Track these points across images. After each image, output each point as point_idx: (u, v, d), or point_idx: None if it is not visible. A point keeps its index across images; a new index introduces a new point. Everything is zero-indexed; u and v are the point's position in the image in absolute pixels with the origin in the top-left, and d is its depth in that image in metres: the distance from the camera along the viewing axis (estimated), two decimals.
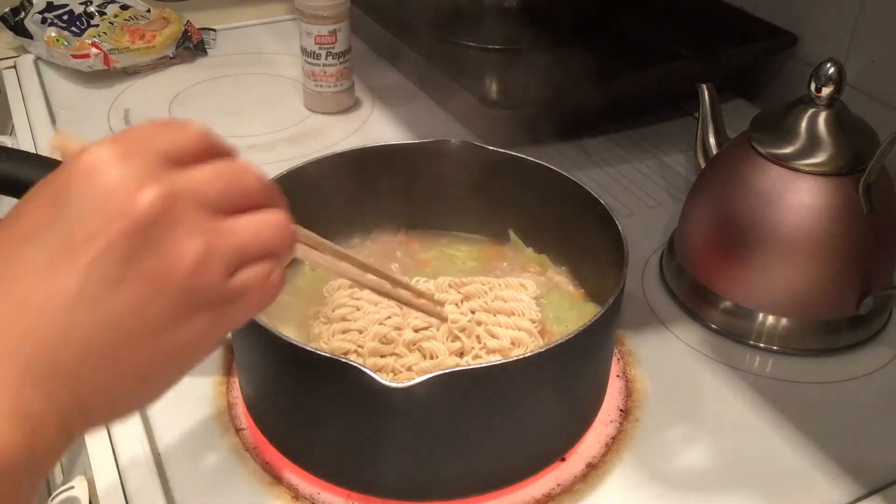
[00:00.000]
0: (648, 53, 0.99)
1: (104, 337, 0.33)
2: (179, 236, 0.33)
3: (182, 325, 0.34)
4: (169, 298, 0.33)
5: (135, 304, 0.33)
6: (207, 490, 0.56)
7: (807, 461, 0.59)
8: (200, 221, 0.34)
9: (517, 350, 0.61)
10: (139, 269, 0.33)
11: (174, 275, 0.33)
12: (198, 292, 0.34)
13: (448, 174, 0.69)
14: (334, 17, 0.93)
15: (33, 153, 0.84)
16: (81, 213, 0.32)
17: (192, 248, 0.33)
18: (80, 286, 0.32)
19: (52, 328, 0.32)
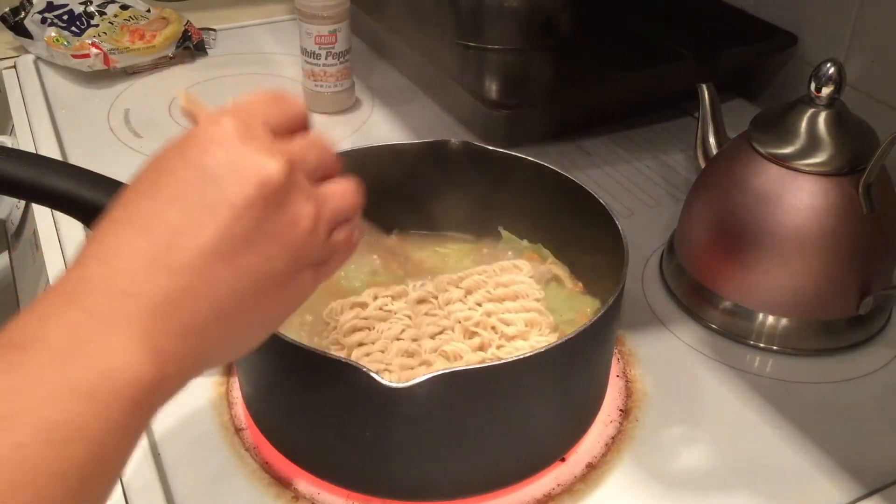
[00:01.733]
0: (648, 53, 0.99)
1: (239, 289, 0.37)
2: (297, 201, 0.38)
3: (296, 278, 0.39)
4: (291, 255, 0.38)
5: (265, 260, 0.37)
6: (207, 490, 0.56)
7: (807, 461, 0.59)
8: (308, 188, 0.39)
9: (534, 330, 0.61)
10: (269, 229, 0.37)
11: (295, 234, 0.38)
12: (310, 250, 0.39)
13: (448, 174, 0.69)
14: (334, 17, 0.93)
15: (33, 153, 0.85)
16: (219, 179, 0.36)
17: (307, 211, 0.38)
18: (221, 243, 0.36)
19: (194, 280, 0.35)
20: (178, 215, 0.36)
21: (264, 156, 0.37)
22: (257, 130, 0.38)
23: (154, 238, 0.35)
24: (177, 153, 0.38)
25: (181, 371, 0.36)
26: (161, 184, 0.37)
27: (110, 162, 0.89)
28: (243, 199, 0.36)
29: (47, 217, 0.80)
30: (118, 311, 0.34)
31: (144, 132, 0.97)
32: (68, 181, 0.56)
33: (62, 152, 0.91)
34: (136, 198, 0.37)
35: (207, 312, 0.36)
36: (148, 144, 0.94)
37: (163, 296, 0.35)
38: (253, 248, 0.37)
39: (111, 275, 0.35)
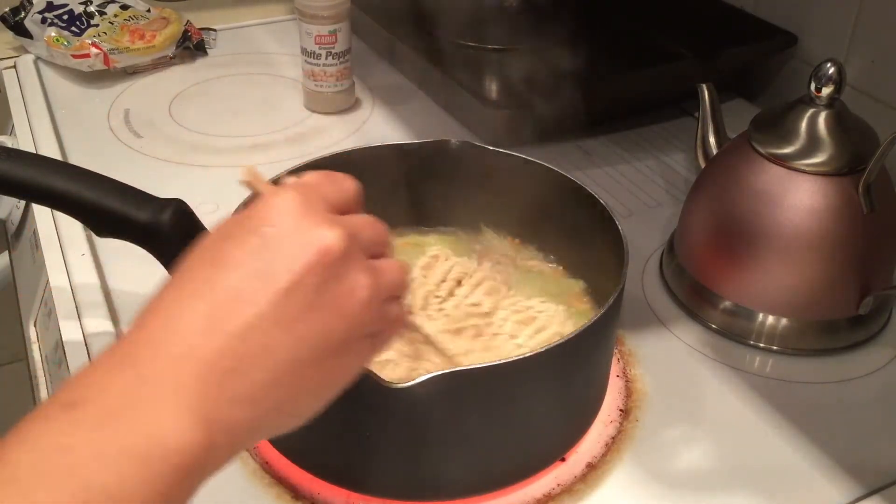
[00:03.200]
0: (648, 53, 0.99)
1: (295, 357, 0.37)
2: (354, 271, 0.39)
3: (352, 348, 0.40)
4: (348, 324, 0.38)
5: (322, 328, 0.37)
6: (207, 490, 0.56)
7: (807, 461, 0.59)
8: (364, 260, 0.40)
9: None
10: (327, 297, 0.38)
11: (352, 303, 0.38)
12: (366, 319, 0.39)
13: (448, 174, 0.69)
14: (334, 17, 0.93)
15: (33, 153, 0.85)
16: (281, 247, 0.37)
17: (364, 282, 0.39)
18: (279, 310, 0.36)
19: (250, 345, 0.36)
20: (238, 280, 0.36)
21: (324, 227, 0.38)
22: (317, 205, 0.39)
23: (213, 302, 0.36)
24: (239, 223, 0.39)
25: (232, 440, 0.36)
26: (222, 251, 0.38)
27: (110, 162, 0.89)
28: (303, 266, 0.37)
29: (47, 217, 0.80)
30: (170, 376, 0.34)
31: (144, 132, 0.97)
32: (68, 181, 0.56)
33: (62, 152, 0.91)
34: (198, 265, 0.38)
35: (262, 380, 0.36)
36: (148, 144, 0.94)
37: (217, 361, 0.35)
38: (311, 315, 0.37)
39: (167, 338, 0.35)
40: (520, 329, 0.62)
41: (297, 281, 0.37)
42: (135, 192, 0.57)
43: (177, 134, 0.97)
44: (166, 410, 0.33)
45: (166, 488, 0.32)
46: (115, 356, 0.35)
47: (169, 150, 0.93)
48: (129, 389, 0.33)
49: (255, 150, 0.94)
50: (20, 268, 0.90)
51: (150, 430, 0.33)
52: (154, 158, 0.92)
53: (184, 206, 0.57)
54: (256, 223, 0.38)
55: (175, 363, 0.34)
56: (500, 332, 0.61)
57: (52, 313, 0.71)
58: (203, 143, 0.95)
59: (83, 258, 0.74)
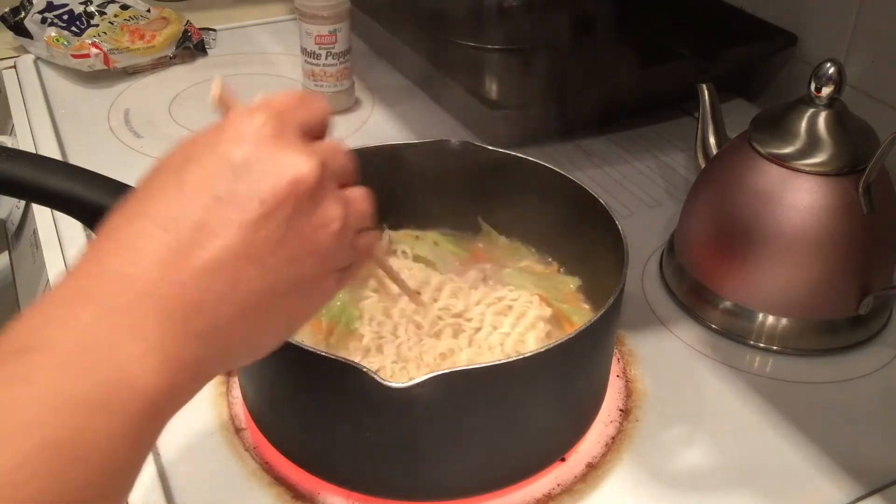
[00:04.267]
0: (648, 53, 0.99)
1: (263, 291, 0.35)
2: (327, 202, 0.37)
3: (321, 281, 0.38)
4: (318, 257, 0.37)
5: (293, 262, 0.36)
6: (207, 490, 0.56)
7: (807, 461, 0.59)
8: (336, 191, 0.38)
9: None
10: (298, 230, 0.35)
11: (325, 237, 0.37)
12: (336, 255, 0.38)
13: (448, 174, 0.69)
14: (334, 17, 0.93)
15: (33, 153, 0.84)
16: (250, 174, 0.34)
17: (337, 213, 0.37)
18: (248, 242, 0.34)
19: (217, 281, 0.33)
20: (203, 210, 0.34)
21: (298, 154, 0.36)
22: (289, 129, 0.37)
23: (177, 234, 0.33)
24: (205, 143, 0.36)
25: (196, 376, 0.34)
26: (186, 175, 0.35)
27: (110, 162, 0.89)
28: (274, 196, 0.34)
29: (47, 217, 0.80)
30: (134, 314, 0.32)
31: (144, 132, 0.97)
32: (68, 181, 0.56)
33: (62, 152, 0.91)
34: (159, 188, 0.35)
35: (229, 314, 0.34)
36: (148, 144, 0.94)
37: (183, 298, 0.33)
38: (281, 248, 0.35)
39: (129, 272, 0.32)
40: (500, 320, 0.62)
41: (268, 212, 0.34)
42: None
43: (177, 134, 0.97)
44: (128, 352, 0.31)
45: (130, 434, 0.31)
46: (69, 290, 0.32)
47: None
48: (87, 330, 0.31)
49: None
50: (20, 268, 0.90)
51: (111, 374, 0.30)
52: (154, 158, 0.91)
53: None
54: (225, 146, 0.35)
55: (137, 299, 0.32)
56: (482, 325, 0.61)
57: None
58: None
59: None
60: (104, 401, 0.30)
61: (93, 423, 0.30)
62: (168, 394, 0.32)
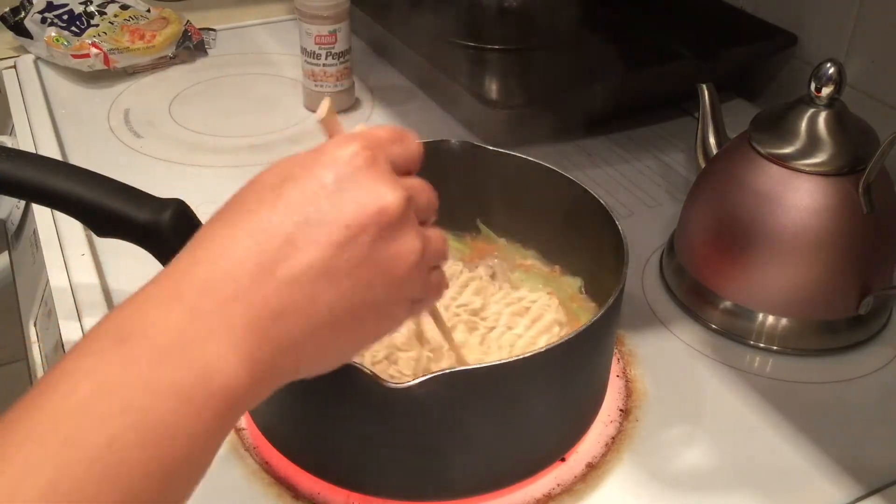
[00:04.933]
0: (648, 53, 0.99)
1: (338, 309, 0.37)
2: (408, 235, 0.39)
3: (392, 307, 0.40)
4: (393, 286, 0.39)
5: (368, 285, 0.38)
6: (207, 490, 0.56)
7: (807, 461, 0.59)
8: (417, 226, 0.40)
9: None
10: (378, 258, 0.38)
11: (402, 267, 0.39)
12: (411, 285, 0.40)
13: (448, 174, 0.69)
14: (334, 17, 0.93)
15: (33, 153, 0.85)
16: (340, 199, 0.37)
17: (415, 247, 0.39)
18: (330, 262, 0.36)
19: (298, 295, 0.36)
20: (293, 226, 0.36)
21: (386, 185, 0.38)
22: (382, 161, 0.39)
23: (267, 247, 0.36)
24: (304, 165, 0.38)
25: (270, 380, 0.36)
26: (281, 192, 0.37)
27: (110, 162, 0.89)
28: (360, 222, 0.37)
29: (47, 217, 0.80)
30: (221, 317, 0.34)
31: (144, 132, 0.97)
32: (68, 181, 0.56)
33: (62, 152, 0.91)
34: (256, 201, 0.37)
35: (304, 327, 0.36)
36: (148, 144, 0.94)
37: (267, 306, 0.35)
38: (359, 272, 0.37)
39: (219, 277, 0.35)
40: (515, 320, 0.62)
41: (352, 236, 0.37)
42: (135, 192, 0.57)
43: (177, 134, 0.97)
44: (214, 350, 0.34)
45: (213, 424, 0.33)
46: (164, 289, 0.35)
47: (169, 150, 0.93)
48: (179, 327, 0.34)
49: (255, 150, 0.94)
50: (20, 268, 0.90)
51: (200, 368, 0.33)
52: (154, 158, 0.92)
53: (184, 206, 0.57)
54: (320, 169, 0.38)
55: (225, 304, 0.35)
56: (496, 325, 0.61)
57: (52, 313, 0.71)
58: (203, 143, 0.95)
59: (83, 258, 0.74)
60: (190, 392, 0.33)
61: (178, 410, 0.32)
62: (245, 392, 0.35)
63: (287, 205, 0.37)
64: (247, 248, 0.36)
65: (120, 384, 0.32)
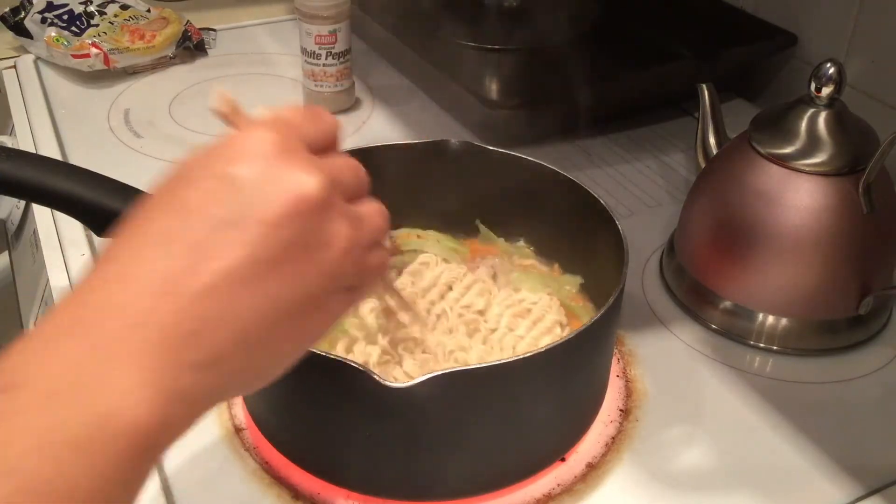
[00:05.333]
0: (648, 53, 0.99)
1: (265, 315, 0.33)
2: (333, 220, 0.35)
3: (327, 302, 0.36)
4: (324, 278, 0.35)
5: (294, 283, 0.34)
6: (207, 490, 0.56)
7: (807, 461, 0.59)
8: (344, 207, 0.36)
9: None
10: (303, 252, 0.34)
11: (330, 255, 0.35)
12: (344, 272, 0.36)
13: (448, 174, 0.69)
14: (334, 17, 0.93)
15: (33, 153, 0.85)
16: (250, 193, 0.33)
17: (344, 232, 0.35)
18: (248, 266, 0.32)
19: (215, 306, 0.32)
20: (200, 232, 0.32)
21: (302, 171, 0.34)
22: (295, 145, 0.35)
23: (172, 258, 0.32)
24: (204, 163, 0.35)
25: (191, 409, 0.32)
26: (184, 196, 0.33)
27: (110, 162, 0.89)
28: (275, 215, 0.33)
29: (47, 217, 0.80)
30: (123, 345, 0.30)
31: (144, 132, 0.97)
32: (68, 181, 0.56)
33: (62, 152, 0.91)
34: (156, 211, 0.34)
35: (228, 342, 0.33)
36: (148, 144, 0.94)
37: (178, 326, 0.31)
38: (283, 269, 0.33)
39: (120, 300, 0.31)
40: (517, 322, 0.62)
41: (270, 233, 0.33)
42: (135, 193, 0.57)
43: (177, 134, 0.97)
44: (117, 386, 0.30)
45: (119, 472, 0.29)
46: (61, 322, 0.31)
47: (169, 150, 0.93)
48: (75, 364, 0.30)
49: None
50: (20, 268, 0.90)
51: (99, 411, 0.29)
52: (154, 158, 0.92)
53: None
54: (224, 165, 0.34)
55: (129, 330, 0.31)
56: (498, 326, 0.61)
57: None
58: (203, 143, 0.95)
59: (83, 258, 0.74)
60: (88, 439, 0.29)
61: (78, 463, 0.29)
62: (160, 428, 0.31)
63: (191, 211, 0.33)
64: (151, 264, 0.32)
65: (3, 443, 0.28)
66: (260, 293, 0.33)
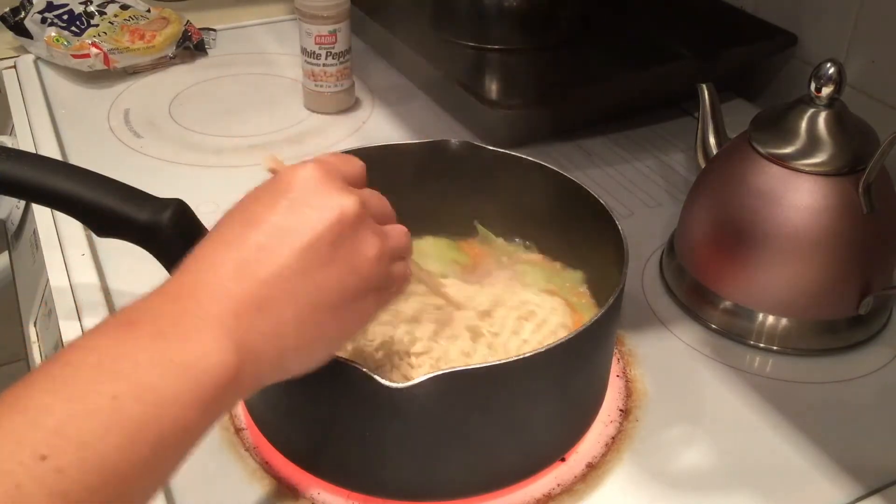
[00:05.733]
0: (648, 53, 0.99)
1: (314, 301, 0.43)
2: (366, 234, 0.45)
3: (361, 300, 0.46)
4: (359, 277, 0.45)
5: (338, 279, 0.44)
6: (207, 489, 0.56)
7: (807, 461, 0.59)
8: (374, 224, 0.46)
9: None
10: (342, 253, 0.44)
11: (364, 260, 0.45)
12: (374, 277, 0.46)
13: (448, 174, 0.69)
14: (334, 17, 0.93)
15: (33, 153, 0.85)
16: (303, 209, 0.43)
17: (374, 242, 0.46)
18: (301, 261, 0.42)
19: (275, 290, 0.41)
20: (265, 236, 0.42)
21: (341, 194, 0.44)
22: (334, 176, 0.45)
23: (243, 253, 0.42)
24: (268, 189, 0.45)
25: (258, 369, 0.41)
26: (252, 211, 0.44)
27: (110, 162, 0.89)
28: (323, 225, 0.43)
29: (47, 217, 0.80)
30: (210, 310, 0.40)
31: (144, 132, 0.97)
32: (68, 181, 0.56)
33: (62, 152, 0.91)
34: (231, 223, 0.44)
35: (287, 318, 0.42)
36: (148, 144, 0.94)
37: (249, 300, 0.41)
38: (328, 267, 0.43)
39: (206, 280, 0.41)
40: (521, 325, 0.62)
41: (317, 237, 0.43)
42: (135, 192, 0.57)
43: (177, 134, 0.97)
44: (207, 335, 0.39)
45: (205, 400, 0.37)
46: (162, 293, 0.41)
47: (169, 150, 0.93)
48: (177, 317, 0.39)
49: (255, 150, 0.94)
50: (20, 268, 0.90)
51: (195, 348, 0.38)
52: (154, 158, 0.92)
53: (184, 206, 0.57)
54: (283, 189, 0.44)
55: (214, 301, 0.40)
56: (502, 330, 0.61)
57: (52, 313, 0.71)
58: (203, 143, 0.95)
59: (83, 258, 0.74)
60: (187, 366, 0.37)
61: (177, 381, 0.37)
62: (233, 375, 0.39)
63: (258, 221, 0.43)
64: (227, 257, 0.42)
65: (124, 355, 0.36)
66: (309, 283, 0.42)
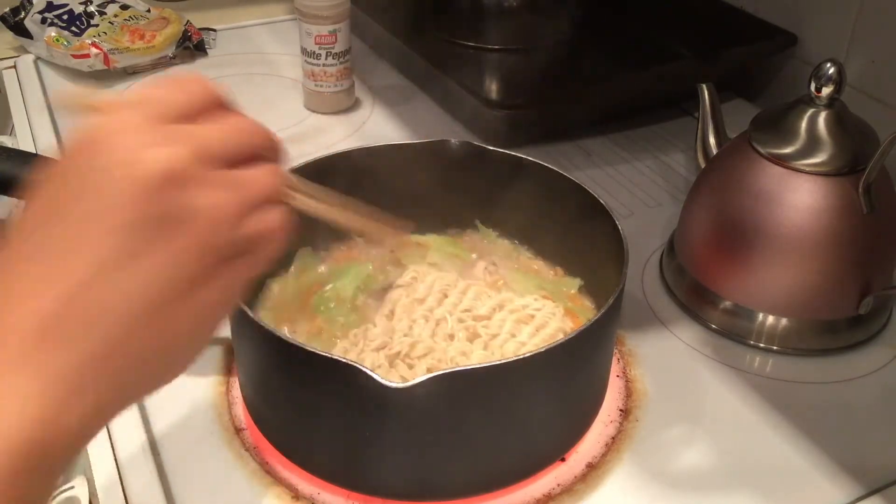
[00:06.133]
0: (648, 53, 0.99)
1: (143, 301, 0.32)
2: (190, 194, 0.33)
3: (207, 283, 0.34)
4: (191, 259, 0.33)
5: (158, 270, 0.32)
6: (207, 490, 0.56)
7: (807, 461, 0.59)
8: (211, 176, 0.34)
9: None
10: (156, 235, 0.32)
11: (191, 234, 0.33)
12: (215, 247, 0.34)
13: (448, 174, 0.69)
14: (334, 17, 0.93)
15: (33, 153, 0.84)
16: (107, 181, 0.32)
17: (211, 203, 0.34)
18: (114, 255, 0.32)
19: (88, 301, 0.31)
20: (68, 231, 0.32)
21: (154, 148, 0.32)
22: (152, 121, 0.34)
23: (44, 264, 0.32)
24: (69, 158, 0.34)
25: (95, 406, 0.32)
26: (51, 195, 0.33)
27: None
28: (130, 199, 0.32)
29: None
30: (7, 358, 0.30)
31: None
32: None
33: None
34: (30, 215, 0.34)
35: (115, 331, 0.32)
36: None
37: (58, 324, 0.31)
38: (141, 259, 0.32)
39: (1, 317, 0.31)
40: (519, 328, 0.62)
41: (125, 218, 0.31)
42: None
43: None
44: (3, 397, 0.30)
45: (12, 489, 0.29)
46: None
47: None
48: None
49: None
50: None
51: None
52: None
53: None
54: (87, 159, 0.33)
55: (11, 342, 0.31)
56: (500, 332, 0.61)
57: None
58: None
59: None
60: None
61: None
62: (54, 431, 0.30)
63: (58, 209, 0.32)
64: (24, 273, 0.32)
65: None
66: (132, 281, 0.32)
